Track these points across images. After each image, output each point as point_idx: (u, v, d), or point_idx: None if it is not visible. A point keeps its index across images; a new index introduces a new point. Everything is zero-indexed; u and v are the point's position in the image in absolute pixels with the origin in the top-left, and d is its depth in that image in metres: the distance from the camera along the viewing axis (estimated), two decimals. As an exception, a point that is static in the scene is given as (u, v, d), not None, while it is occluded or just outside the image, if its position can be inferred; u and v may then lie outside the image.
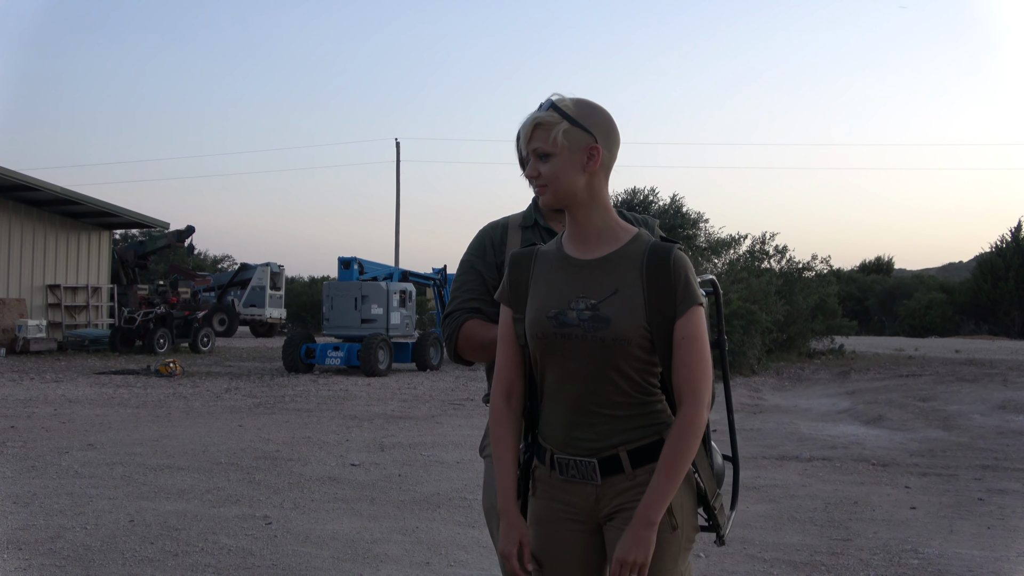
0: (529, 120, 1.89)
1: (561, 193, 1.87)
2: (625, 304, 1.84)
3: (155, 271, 31.30)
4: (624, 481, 1.87)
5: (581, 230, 1.92)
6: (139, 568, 4.33)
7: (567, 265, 1.92)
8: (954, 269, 70.89)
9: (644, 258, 1.86)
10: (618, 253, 1.89)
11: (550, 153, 1.86)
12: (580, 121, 1.86)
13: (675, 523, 1.86)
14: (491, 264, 2.38)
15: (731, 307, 17.92)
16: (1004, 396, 12.73)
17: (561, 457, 1.91)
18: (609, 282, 1.86)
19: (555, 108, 1.87)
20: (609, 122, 1.90)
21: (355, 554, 4.64)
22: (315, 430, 9.15)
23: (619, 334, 1.83)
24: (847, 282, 39.68)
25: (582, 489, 1.90)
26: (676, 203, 30.18)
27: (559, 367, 1.90)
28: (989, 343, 29.85)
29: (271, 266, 30.28)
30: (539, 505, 1.97)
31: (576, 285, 1.89)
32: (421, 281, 20.22)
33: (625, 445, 1.86)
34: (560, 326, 1.87)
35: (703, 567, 4.50)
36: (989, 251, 42.01)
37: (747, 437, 9.17)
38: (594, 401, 1.87)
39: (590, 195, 1.89)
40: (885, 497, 6.26)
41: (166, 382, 14.31)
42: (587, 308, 1.85)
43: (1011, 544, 5.05)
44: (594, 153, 1.86)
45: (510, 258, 2.02)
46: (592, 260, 1.90)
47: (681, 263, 1.85)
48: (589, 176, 1.87)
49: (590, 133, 1.86)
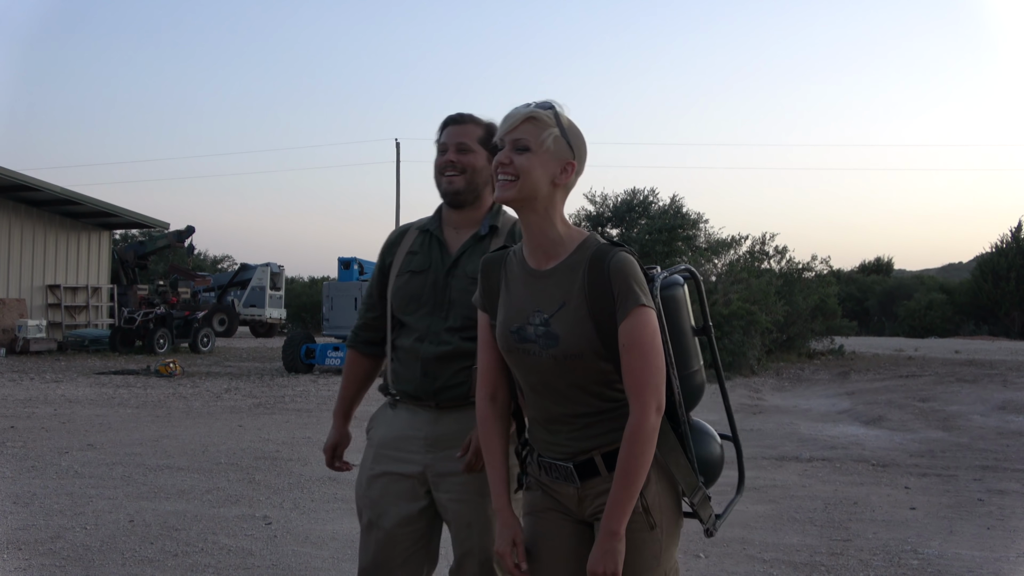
0: (524, 110, 1.86)
1: (526, 191, 1.85)
2: (572, 318, 1.83)
3: (155, 271, 31.33)
4: (602, 483, 1.88)
5: (534, 239, 1.91)
6: (139, 568, 4.33)
7: (526, 275, 1.93)
8: (954, 269, 70.89)
9: (585, 266, 1.85)
10: (565, 263, 1.88)
11: (532, 149, 1.84)
12: (568, 136, 1.87)
13: (653, 522, 1.86)
14: (383, 266, 2.55)
15: (731, 307, 17.93)
16: (1004, 397, 12.72)
17: (543, 459, 1.95)
18: (559, 295, 1.86)
19: (555, 113, 1.87)
20: (585, 149, 1.92)
21: (355, 554, 4.61)
22: (315, 430, 9.15)
23: (568, 350, 1.83)
24: (847, 283, 39.65)
25: (566, 488, 1.93)
26: (676, 203, 30.04)
27: (525, 378, 1.93)
28: (989, 343, 29.85)
29: (271, 266, 30.28)
30: (532, 496, 2.02)
31: (533, 298, 1.90)
32: (421, 281, 20.20)
33: (600, 448, 1.87)
34: (521, 341, 1.89)
35: (703, 567, 4.50)
36: (989, 251, 42.02)
37: (747, 437, 9.17)
38: (562, 411, 1.89)
39: (549, 204, 1.88)
40: (885, 497, 6.26)
41: (166, 382, 14.30)
42: (541, 324, 1.86)
43: (1011, 544, 5.05)
44: (568, 169, 1.87)
45: (481, 265, 2.04)
46: (545, 271, 1.90)
47: (618, 267, 1.81)
48: (554, 187, 1.87)
49: (572, 150, 1.87)
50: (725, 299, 18.81)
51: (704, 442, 2.00)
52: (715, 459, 2.01)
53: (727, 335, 17.25)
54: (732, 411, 2.19)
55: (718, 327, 17.38)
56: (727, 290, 19.53)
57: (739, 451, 2.17)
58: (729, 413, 2.17)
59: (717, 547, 4.84)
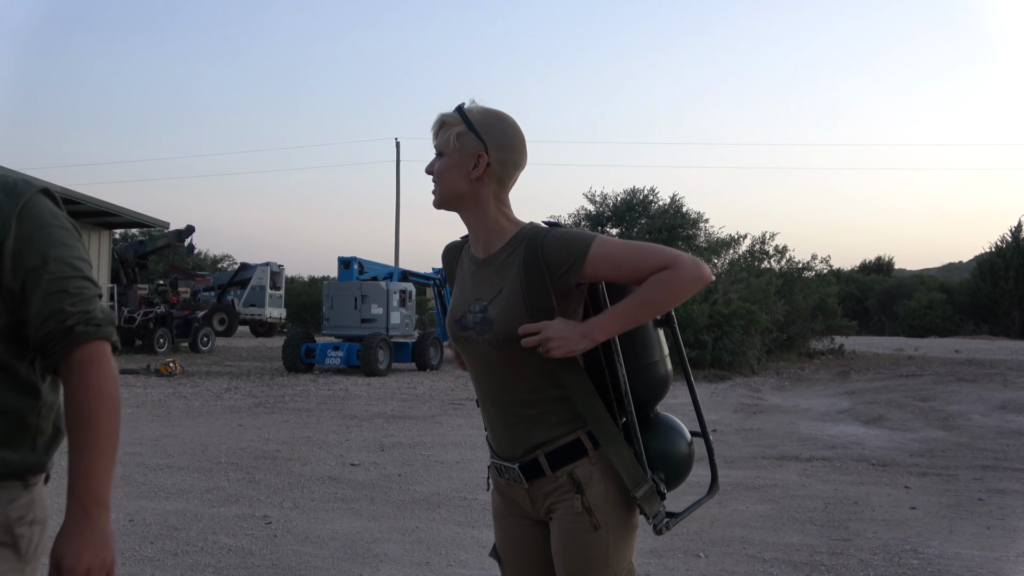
0: (437, 118, 1.91)
1: (445, 193, 1.89)
2: (507, 302, 1.84)
3: (155, 271, 31.31)
4: (548, 483, 1.88)
5: (473, 232, 1.94)
6: (139, 568, 4.33)
7: (472, 264, 1.95)
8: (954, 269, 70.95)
9: (521, 250, 1.85)
10: (503, 250, 1.89)
11: (443, 153, 1.88)
12: (477, 128, 1.86)
13: (596, 523, 1.84)
14: None
15: (731, 307, 17.93)
16: (1004, 396, 12.73)
17: (496, 462, 1.97)
18: (497, 281, 1.87)
19: (459, 111, 1.89)
20: (509, 135, 1.88)
21: (355, 554, 4.64)
22: (315, 430, 9.15)
23: (501, 334, 1.83)
24: (847, 282, 39.71)
25: (518, 490, 1.94)
26: (676, 203, 30.12)
27: (472, 367, 1.96)
28: (989, 343, 29.86)
29: (271, 266, 30.26)
30: (495, 500, 2.05)
31: (475, 286, 1.92)
32: (421, 281, 20.22)
33: (543, 447, 1.87)
34: (462, 329, 1.91)
35: (703, 567, 4.50)
36: (989, 251, 42.07)
37: (747, 437, 9.17)
38: (505, 400, 1.90)
39: (474, 200, 1.88)
40: (885, 497, 6.26)
41: (166, 382, 14.31)
42: (479, 311, 1.88)
43: (1011, 544, 5.05)
44: (480, 161, 1.85)
45: (443, 250, 2.09)
46: (485, 259, 1.92)
47: (552, 239, 1.81)
48: (474, 183, 1.87)
49: (482, 141, 1.86)
50: (725, 298, 18.82)
51: (668, 437, 1.95)
52: (679, 456, 1.95)
53: (727, 334, 17.25)
54: (700, 406, 2.11)
55: (718, 326, 17.39)
56: (727, 289, 19.54)
57: (710, 449, 2.10)
58: (698, 409, 2.09)
59: (717, 547, 4.84)
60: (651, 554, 4.64)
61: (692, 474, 1.99)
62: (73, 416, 1.49)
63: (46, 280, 1.48)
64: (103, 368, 1.52)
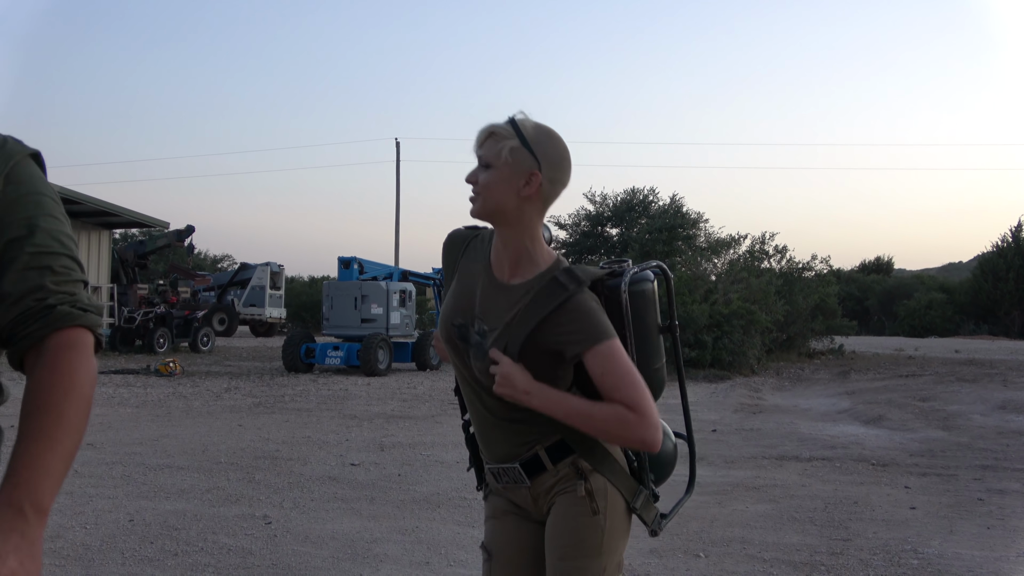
0: (485, 127, 1.86)
1: (489, 207, 1.84)
2: (508, 341, 1.81)
3: (155, 271, 31.26)
4: (550, 478, 1.88)
5: (504, 250, 1.89)
6: (139, 567, 4.33)
7: (486, 277, 1.91)
8: (954, 269, 70.97)
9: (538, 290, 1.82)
10: (525, 288, 1.85)
11: (492, 165, 1.82)
12: (531, 144, 1.81)
13: (596, 508, 1.84)
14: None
15: (731, 307, 17.94)
16: (1004, 396, 12.73)
17: (491, 467, 1.95)
18: (506, 314, 1.84)
19: (512, 123, 1.84)
20: (561, 155, 1.85)
21: (355, 554, 4.64)
22: (315, 430, 9.15)
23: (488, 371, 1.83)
24: (847, 282, 39.71)
25: (520, 491, 1.94)
26: (676, 203, 30.11)
27: (458, 373, 1.95)
28: (989, 343, 29.87)
29: (271, 266, 30.25)
30: (492, 501, 2.04)
31: (485, 303, 1.88)
32: (421, 281, 20.22)
33: (542, 443, 1.87)
34: (460, 339, 1.90)
35: (703, 567, 4.50)
36: (989, 251, 42.08)
37: (747, 437, 9.18)
38: (491, 407, 1.89)
39: (518, 218, 1.84)
40: (885, 497, 6.26)
41: (166, 382, 14.30)
42: (479, 333, 1.86)
43: (1011, 544, 5.05)
44: (533, 179, 1.81)
45: (447, 236, 2.04)
46: (503, 284, 1.88)
47: (579, 304, 1.78)
48: (522, 200, 1.82)
49: (536, 159, 1.81)
50: (725, 298, 18.82)
51: None
52: (666, 457, 2.00)
53: (727, 334, 17.26)
54: (689, 410, 2.16)
55: (718, 326, 17.40)
56: (727, 289, 19.54)
57: (692, 450, 2.17)
58: (686, 412, 2.14)
59: (717, 547, 4.84)
60: (651, 554, 4.64)
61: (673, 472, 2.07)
62: (34, 403, 1.19)
63: (29, 252, 1.24)
64: (81, 358, 1.25)
